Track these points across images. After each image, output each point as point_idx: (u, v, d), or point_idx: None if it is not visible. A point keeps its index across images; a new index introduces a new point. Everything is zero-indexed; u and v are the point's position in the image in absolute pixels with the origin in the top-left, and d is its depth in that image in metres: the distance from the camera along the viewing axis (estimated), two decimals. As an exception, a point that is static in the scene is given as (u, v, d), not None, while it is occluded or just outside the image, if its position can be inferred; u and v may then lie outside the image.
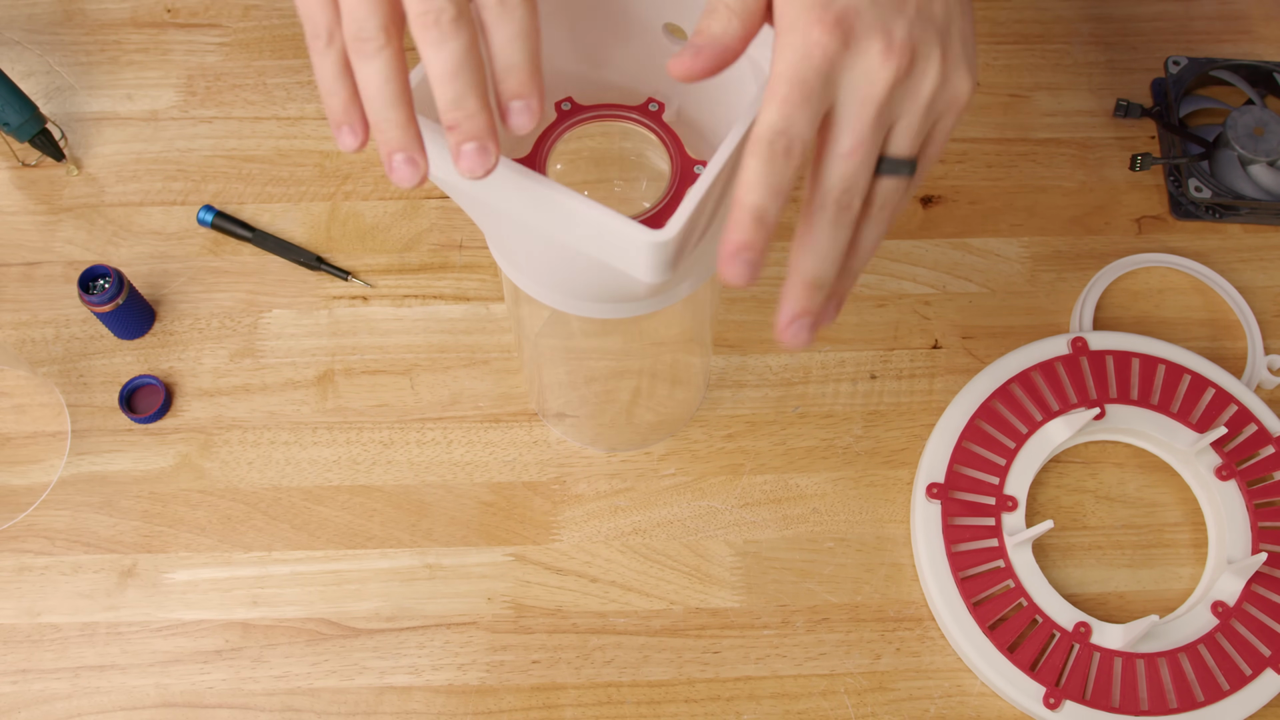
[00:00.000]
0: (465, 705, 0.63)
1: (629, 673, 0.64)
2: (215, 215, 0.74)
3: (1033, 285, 0.74)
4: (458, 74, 0.38)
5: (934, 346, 0.72)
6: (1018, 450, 0.67)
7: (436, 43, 0.38)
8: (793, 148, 0.38)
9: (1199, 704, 0.62)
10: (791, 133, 0.38)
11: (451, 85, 0.38)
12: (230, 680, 0.64)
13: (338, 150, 0.77)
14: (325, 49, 0.40)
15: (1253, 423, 0.68)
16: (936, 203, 0.77)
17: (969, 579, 0.64)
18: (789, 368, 0.72)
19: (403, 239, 0.75)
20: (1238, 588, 0.64)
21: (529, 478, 0.69)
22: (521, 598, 0.66)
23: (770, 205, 0.39)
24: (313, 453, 0.69)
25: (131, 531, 0.67)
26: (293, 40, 0.81)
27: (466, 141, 0.38)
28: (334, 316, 0.73)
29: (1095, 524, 0.68)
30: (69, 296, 0.73)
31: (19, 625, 0.65)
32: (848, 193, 0.40)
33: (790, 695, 0.64)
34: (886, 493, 0.69)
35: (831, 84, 0.39)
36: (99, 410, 0.70)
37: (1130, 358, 0.69)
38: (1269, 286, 0.75)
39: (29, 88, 0.79)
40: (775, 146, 0.38)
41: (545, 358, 0.63)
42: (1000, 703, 0.64)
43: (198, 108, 0.79)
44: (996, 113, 0.80)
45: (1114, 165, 0.78)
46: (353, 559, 0.66)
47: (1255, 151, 0.74)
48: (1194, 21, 0.83)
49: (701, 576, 0.66)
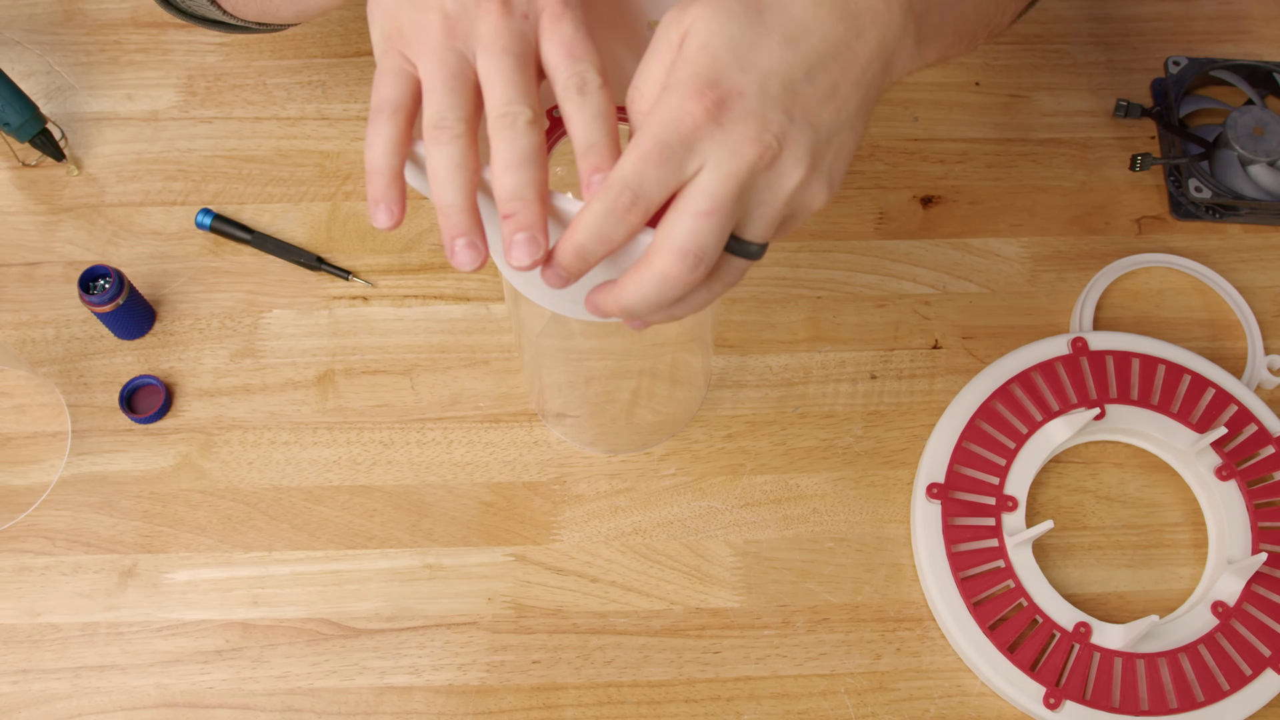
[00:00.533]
0: (465, 705, 0.63)
1: (629, 673, 0.64)
2: (214, 218, 0.74)
3: (1033, 285, 0.74)
4: (522, 166, 0.40)
5: (934, 346, 0.72)
6: (1018, 450, 0.67)
7: (510, 139, 0.40)
8: (637, 203, 0.40)
9: (1199, 704, 0.62)
10: (639, 189, 0.39)
11: (515, 175, 0.40)
12: (230, 680, 0.64)
13: (338, 150, 0.77)
14: (389, 119, 0.42)
15: (1253, 423, 0.68)
16: (936, 203, 0.77)
17: (969, 579, 0.64)
18: (789, 368, 0.72)
19: (403, 239, 0.75)
20: (1238, 588, 0.64)
21: (529, 478, 0.69)
22: (522, 598, 0.66)
23: (595, 249, 0.40)
24: (313, 453, 0.69)
25: (132, 531, 0.67)
26: (293, 40, 0.81)
27: (520, 231, 0.40)
28: (334, 317, 0.73)
29: (1095, 524, 0.68)
30: (69, 296, 0.73)
31: (19, 625, 0.65)
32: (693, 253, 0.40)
33: (790, 695, 0.64)
34: (887, 493, 0.69)
35: (694, 154, 0.40)
36: (99, 410, 0.70)
37: (1130, 358, 0.69)
38: (1269, 286, 0.75)
39: (29, 88, 0.79)
40: (620, 198, 0.40)
41: (546, 358, 0.63)
42: (1000, 703, 0.64)
43: (198, 108, 0.79)
44: (996, 113, 0.80)
45: (1114, 165, 0.78)
46: (353, 559, 0.66)
47: (1255, 151, 0.74)
48: (1194, 21, 0.83)
49: (702, 576, 0.66)
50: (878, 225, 0.76)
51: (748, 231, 0.42)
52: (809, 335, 0.72)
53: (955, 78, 0.81)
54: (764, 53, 0.40)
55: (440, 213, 0.41)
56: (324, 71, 0.80)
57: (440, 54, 0.42)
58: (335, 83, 0.80)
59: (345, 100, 0.79)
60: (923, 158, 0.78)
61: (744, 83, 0.40)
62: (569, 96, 0.42)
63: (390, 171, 0.42)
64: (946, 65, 0.81)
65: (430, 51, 0.42)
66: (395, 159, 0.42)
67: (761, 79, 0.40)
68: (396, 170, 0.42)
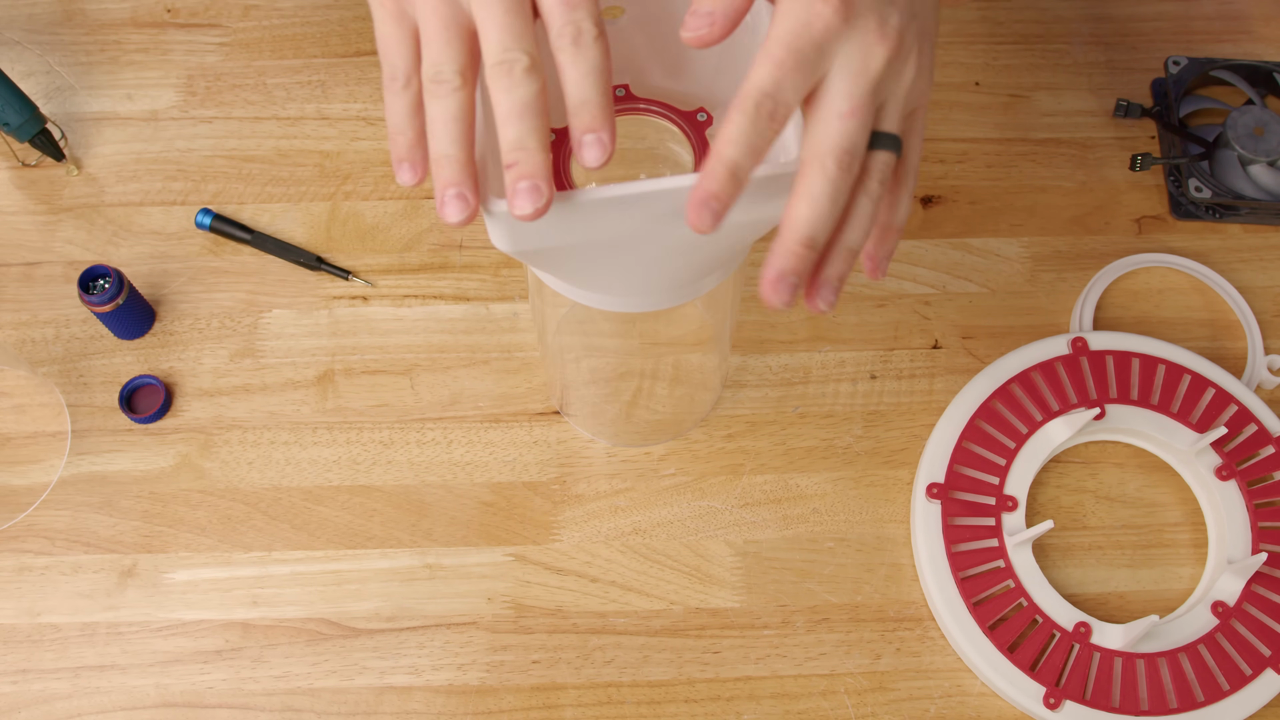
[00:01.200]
0: (465, 705, 0.63)
1: (629, 673, 0.64)
2: (214, 218, 0.74)
3: (1033, 285, 0.74)
4: (523, 116, 0.40)
5: (934, 346, 0.72)
6: (1018, 450, 0.67)
7: (508, 88, 0.40)
8: (778, 111, 0.40)
9: (1199, 704, 0.62)
10: (779, 96, 0.40)
11: (516, 126, 0.40)
12: (230, 680, 0.64)
13: (338, 150, 0.77)
14: (401, 90, 0.42)
15: (1253, 423, 0.68)
16: (936, 203, 0.77)
17: (969, 579, 0.64)
18: (789, 368, 0.72)
19: (403, 239, 0.75)
20: (1238, 588, 0.64)
21: (529, 478, 0.69)
22: (521, 598, 0.66)
23: (746, 162, 0.40)
24: (313, 453, 0.69)
25: (131, 531, 0.67)
26: (293, 40, 0.81)
27: (521, 180, 0.40)
28: (334, 316, 0.73)
29: (1095, 524, 0.68)
30: (69, 296, 0.73)
31: (19, 625, 0.65)
32: (848, 153, 0.41)
33: (790, 695, 0.64)
34: (886, 493, 0.69)
35: (826, 56, 0.40)
36: (99, 410, 0.70)
37: (1130, 358, 0.69)
38: (1269, 286, 0.75)
39: (29, 88, 0.79)
40: (762, 108, 0.39)
41: (567, 354, 0.63)
42: (1000, 703, 0.64)
43: (198, 108, 0.79)
44: (996, 113, 0.80)
45: (1114, 165, 0.78)
46: (353, 559, 0.66)
47: (1255, 151, 0.74)
48: (1194, 21, 0.83)
49: (702, 576, 0.66)
50: (878, 225, 0.76)
51: (884, 124, 0.42)
52: (809, 335, 0.72)
53: (955, 78, 0.81)
54: None
55: (434, 164, 0.41)
56: (324, 71, 0.80)
57: (434, 3, 0.42)
58: (335, 83, 0.80)
59: (345, 100, 0.79)
60: (922, 157, 0.78)
61: None
62: (563, 47, 0.40)
63: (414, 132, 0.42)
64: (946, 65, 0.81)
65: (425, 2, 0.42)
66: (418, 120, 0.42)
67: None
68: (420, 130, 0.42)
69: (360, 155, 0.77)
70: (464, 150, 0.41)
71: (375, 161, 0.77)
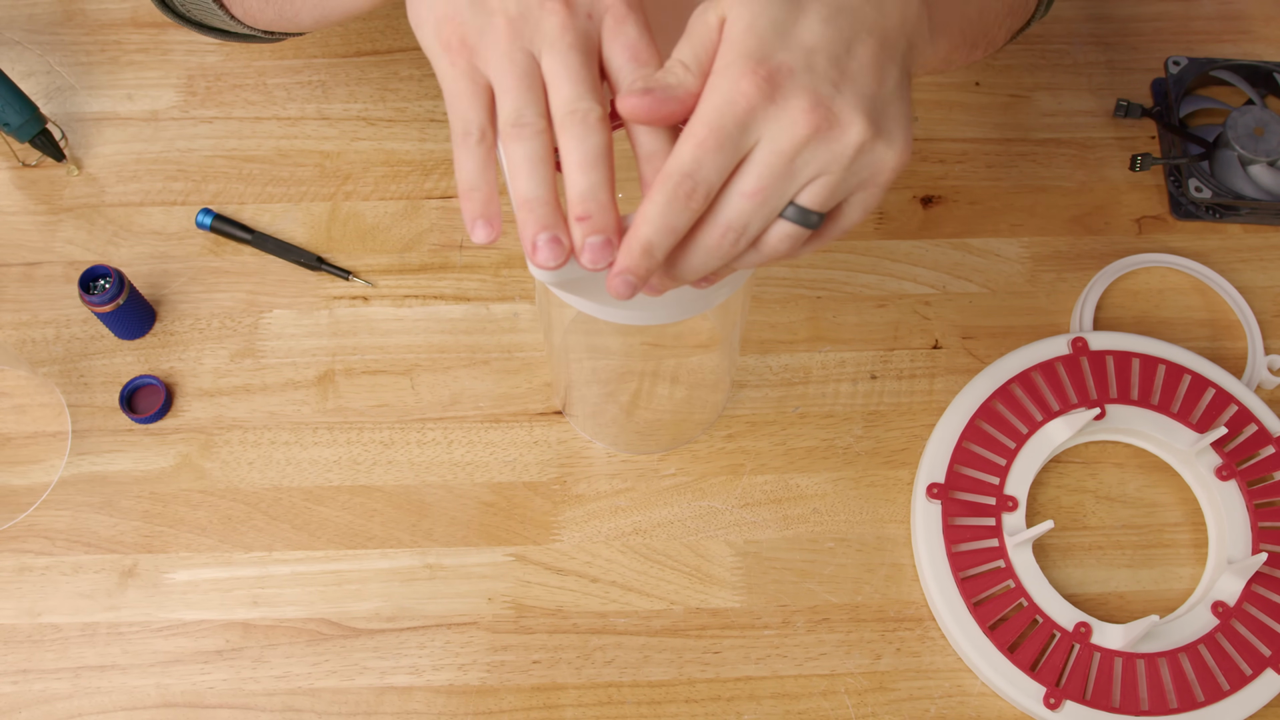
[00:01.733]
0: (466, 705, 0.63)
1: (629, 673, 0.64)
2: (214, 218, 0.74)
3: (1033, 285, 0.74)
4: (595, 166, 0.40)
5: (934, 346, 0.73)
6: (1018, 450, 0.67)
7: (581, 136, 0.40)
8: (696, 191, 0.40)
9: (1199, 704, 0.62)
10: (698, 175, 0.40)
11: (588, 176, 0.40)
12: (231, 680, 0.64)
13: (338, 150, 0.77)
14: (476, 145, 0.42)
15: (1253, 423, 0.68)
16: (936, 203, 0.77)
17: (969, 579, 0.64)
18: (789, 368, 0.72)
19: (403, 239, 0.75)
20: (1238, 588, 0.64)
21: (529, 478, 0.69)
22: (522, 598, 0.66)
23: (660, 242, 0.40)
24: (313, 453, 0.69)
25: (132, 531, 0.67)
26: (293, 40, 0.81)
27: (595, 234, 0.40)
28: (334, 316, 0.73)
29: (1095, 524, 0.68)
30: (69, 296, 0.73)
31: (19, 625, 0.65)
32: (734, 230, 0.41)
33: (791, 695, 0.64)
34: (887, 493, 0.69)
35: (749, 133, 0.40)
36: (99, 410, 0.70)
37: (1130, 358, 0.69)
38: (1269, 286, 0.75)
39: (29, 88, 0.79)
40: (680, 188, 0.40)
41: (573, 357, 0.63)
42: (1000, 703, 0.64)
43: (198, 108, 0.79)
44: (996, 113, 0.80)
45: (1114, 165, 0.78)
46: (353, 559, 0.67)
47: (1255, 151, 0.74)
48: (1194, 21, 0.83)
49: (702, 577, 0.66)
50: (878, 225, 0.76)
51: (808, 199, 0.42)
52: (809, 335, 0.72)
53: (955, 78, 0.81)
54: (806, 30, 0.40)
55: (521, 208, 0.41)
56: (324, 71, 0.80)
57: (510, 54, 0.42)
58: (335, 83, 0.80)
59: (345, 100, 0.79)
60: (923, 158, 0.78)
61: (791, 60, 0.40)
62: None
63: (488, 188, 0.42)
64: (946, 65, 0.81)
65: (500, 54, 0.42)
66: (491, 175, 0.42)
67: (807, 55, 0.40)
68: (493, 186, 0.42)
69: (360, 155, 0.77)
70: (552, 192, 0.41)
71: (375, 161, 0.77)
